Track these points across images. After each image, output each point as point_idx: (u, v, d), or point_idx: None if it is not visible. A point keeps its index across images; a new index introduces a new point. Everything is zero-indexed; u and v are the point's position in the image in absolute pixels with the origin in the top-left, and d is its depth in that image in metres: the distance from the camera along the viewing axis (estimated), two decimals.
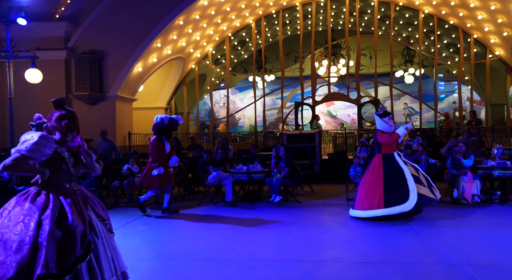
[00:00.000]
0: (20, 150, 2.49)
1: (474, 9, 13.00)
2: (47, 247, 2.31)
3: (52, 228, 2.36)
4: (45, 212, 2.42)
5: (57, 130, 2.67)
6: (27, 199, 2.50)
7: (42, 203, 2.47)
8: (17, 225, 2.37)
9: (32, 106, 11.70)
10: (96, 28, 11.89)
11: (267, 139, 14.65)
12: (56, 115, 2.68)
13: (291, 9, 15.39)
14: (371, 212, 6.01)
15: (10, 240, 2.34)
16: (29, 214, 2.41)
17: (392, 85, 15.22)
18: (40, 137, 2.53)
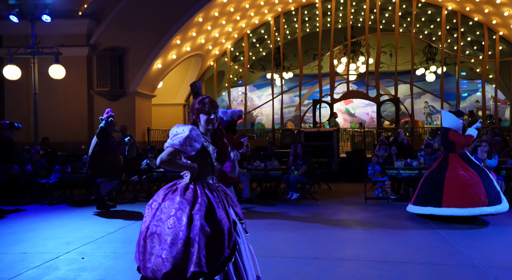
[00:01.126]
0: (174, 143, 2.40)
1: (500, 6, 12.63)
2: (199, 243, 2.24)
3: (203, 224, 2.28)
4: (195, 207, 2.34)
5: (202, 112, 2.52)
6: (176, 192, 2.43)
7: (191, 197, 2.39)
8: (169, 218, 2.30)
9: (55, 102, 12.00)
10: (117, 25, 12.07)
11: (284, 136, 14.61)
12: (198, 99, 2.56)
13: (311, 6, 15.28)
14: (477, 209, 5.62)
15: (164, 233, 2.27)
16: (181, 208, 2.33)
17: (412, 83, 14.95)
18: (190, 130, 2.43)
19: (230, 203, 2.57)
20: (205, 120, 2.53)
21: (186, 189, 2.45)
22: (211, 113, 2.52)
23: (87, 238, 5.16)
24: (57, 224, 6.18)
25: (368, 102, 17.38)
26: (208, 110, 2.51)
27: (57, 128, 11.74)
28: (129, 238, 5.20)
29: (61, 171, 8.29)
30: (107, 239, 5.16)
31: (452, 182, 5.78)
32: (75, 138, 11.86)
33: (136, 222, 6.17)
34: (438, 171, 6.04)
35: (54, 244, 4.89)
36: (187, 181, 2.49)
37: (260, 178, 8.39)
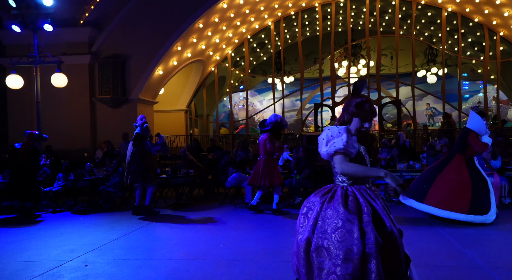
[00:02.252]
0: (339, 148, 2.20)
1: (500, 6, 12.63)
2: (376, 259, 2.02)
3: (377, 237, 2.07)
4: (363, 218, 2.13)
5: (359, 117, 2.31)
6: (334, 201, 2.21)
7: (355, 206, 2.17)
8: (337, 231, 2.10)
9: (58, 110, 12.07)
10: (118, 33, 12.16)
11: (286, 140, 14.61)
12: (357, 100, 2.35)
13: (310, 10, 15.33)
14: (453, 214, 5.60)
15: (334, 247, 2.08)
16: (348, 219, 2.12)
17: (414, 85, 14.94)
18: (347, 131, 2.25)
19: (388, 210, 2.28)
20: (357, 127, 2.34)
21: (346, 196, 2.23)
22: (366, 122, 2.34)
23: (90, 245, 5.16)
24: (61, 232, 6.19)
25: None
26: (364, 118, 2.33)
27: (60, 137, 11.79)
28: (132, 245, 5.20)
29: (64, 178, 8.32)
30: (110, 246, 5.16)
31: (442, 182, 5.79)
32: (79, 146, 11.91)
33: (139, 229, 6.18)
34: (436, 168, 6.07)
35: (57, 252, 4.90)
36: (343, 186, 2.28)
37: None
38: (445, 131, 11.54)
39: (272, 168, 6.99)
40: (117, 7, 12.15)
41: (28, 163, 7.51)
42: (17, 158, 7.56)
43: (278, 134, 7.22)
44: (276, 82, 16.67)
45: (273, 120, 7.06)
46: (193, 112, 16.46)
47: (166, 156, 11.89)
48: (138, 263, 4.41)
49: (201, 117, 17.00)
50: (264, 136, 7.12)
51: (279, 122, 7.05)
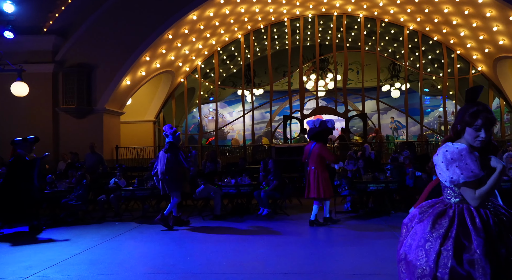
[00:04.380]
0: (468, 177, 2.01)
1: (457, 26, 13.39)
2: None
3: (453, 263, 1.95)
4: (446, 241, 2.01)
5: (472, 126, 2.09)
6: (429, 217, 2.11)
7: (445, 227, 2.05)
8: (418, 249, 2.06)
9: (18, 120, 11.58)
10: (84, 41, 11.89)
11: (256, 152, 14.67)
12: (472, 109, 2.12)
13: (280, 24, 15.64)
14: None
15: (412, 264, 2.07)
16: (429, 239, 2.05)
17: (379, 99, 15.46)
18: (468, 151, 2.07)
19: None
20: (472, 137, 2.11)
21: (442, 214, 2.11)
22: (481, 131, 2.09)
23: (49, 261, 4.93)
24: (18, 247, 5.88)
25: (337, 117, 17.75)
26: (479, 128, 2.09)
27: None
28: (95, 260, 5.02)
29: None
30: (71, 261, 4.96)
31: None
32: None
33: (103, 242, 5.98)
34: None
35: (13, 269, 4.65)
36: (451, 202, 2.13)
37: (232, 194, 8.35)
38: (407, 144, 11.97)
39: (324, 179, 6.75)
40: (83, 16, 11.90)
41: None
42: None
43: (325, 139, 6.98)
44: (245, 94, 16.78)
45: (312, 127, 6.81)
46: (162, 123, 16.24)
47: (133, 168, 11.63)
48: (100, 278, 4.25)
49: None
50: (314, 145, 6.80)
51: (318, 127, 6.78)
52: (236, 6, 13.30)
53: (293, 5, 14.35)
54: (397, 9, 14.03)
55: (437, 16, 13.44)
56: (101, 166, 10.21)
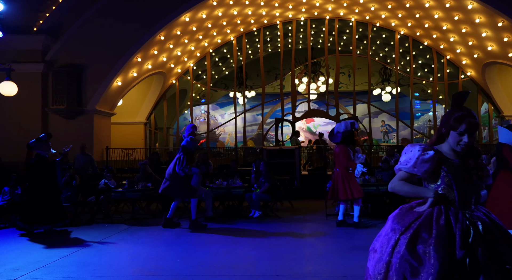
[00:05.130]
0: (402, 167, 2.27)
1: (447, 32, 13.57)
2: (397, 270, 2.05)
3: (405, 251, 2.07)
4: (407, 232, 2.12)
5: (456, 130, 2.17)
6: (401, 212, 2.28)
7: (411, 220, 2.19)
8: (383, 237, 2.24)
9: (6, 120, 11.41)
10: (75, 41, 11.77)
11: (247, 155, 14.65)
12: (458, 113, 2.18)
13: (272, 27, 15.69)
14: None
15: (375, 250, 2.26)
16: (394, 229, 2.20)
17: (370, 103, 15.58)
18: (421, 152, 2.24)
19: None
20: (455, 141, 2.19)
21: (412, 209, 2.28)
22: (465, 135, 2.16)
23: (37, 263, 4.86)
24: (4, 249, 5.78)
25: (328, 120, 17.86)
26: (462, 132, 2.16)
27: (9, 148, 11.11)
28: (84, 262, 4.95)
29: (11, 192, 7.81)
30: (59, 263, 4.88)
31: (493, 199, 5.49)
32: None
33: (92, 244, 5.90)
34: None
35: None
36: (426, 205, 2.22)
37: (223, 196, 8.33)
38: (397, 147, 12.07)
39: (351, 180, 6.78)
40: (74, 16, 11.79)
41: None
42: None
43: (350, 141, 7.04)
44: (237, 97, 16.77)
45: (340, 131, 6.87)
46: (153, 125, 16.15)
47: (124, 169, 11.52)
48: None
49: (161, 130, 16.70)
50: (337, 148, 6.97)
51: (345, 129, 6.87)
52: (229, 8, 13.31)
53: (286, 8, 14.41)
54: (388, 14, 14.18)
55: (428, 22, 13.61)
56: (91, 167, 10.10)
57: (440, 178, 2.20)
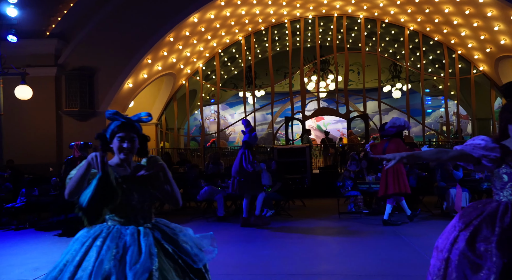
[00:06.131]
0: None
1: (458, 26, 13.41)
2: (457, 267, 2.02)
3: (464, 247, 2.03)
4: (467, 228, 2.09)
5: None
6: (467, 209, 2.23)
7: (472, 216, 2.14)
8: (445, 233, 2.20)
9: (22, 123, 11.62)
10: (86, 45, 11.94)
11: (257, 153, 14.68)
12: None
13: (280, 26, 15.68)
14: None
15: (437, 247, 2.22)
16: (455, 225, 2.16)
17: (380, 100, 15.48)
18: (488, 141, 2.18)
19: None
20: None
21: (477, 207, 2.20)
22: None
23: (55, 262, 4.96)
24: (24, 249, 5.91)
25: (338, 118, 17.81)
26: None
27: (24, 150, 11.32)
28: None
29: (28, 194, 7.97)
30: None
31: None
32: (43, 160, 11.45)
33: None
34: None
35: (20, 271, 4.68)
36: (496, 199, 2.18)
37: (234, 195, 8.37)
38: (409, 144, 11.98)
39: (402, 174, 6.71)
40: (85, 19, 11.95)
41: None
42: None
43: (402, 138, 6.98)
44: (247, 96, 16.82)
45: (397, 124, 6.79)
46: (164, 125, 16.29)
47: None
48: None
49: (171, 130, 16.84)
50: (390, 142, 6.81)
51: (402, 125, 6.80)
52: (237, 8, 13.35)
53: (294, 6, 14.39)
54: (397, 10, 14.06)
55: (438, 17, 13.47)
56: None
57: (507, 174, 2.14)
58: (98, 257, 1.94)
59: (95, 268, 1.91)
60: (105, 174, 1.99)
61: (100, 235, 2.04)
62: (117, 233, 2.04)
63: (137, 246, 2.00)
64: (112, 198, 2.02)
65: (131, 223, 2.10)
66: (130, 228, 2.08)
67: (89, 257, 1.96)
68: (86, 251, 1.99)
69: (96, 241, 2.01)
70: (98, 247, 1.98)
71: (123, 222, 2.10)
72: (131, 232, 2.06)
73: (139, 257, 1.96)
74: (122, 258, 1.95)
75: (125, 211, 2.11)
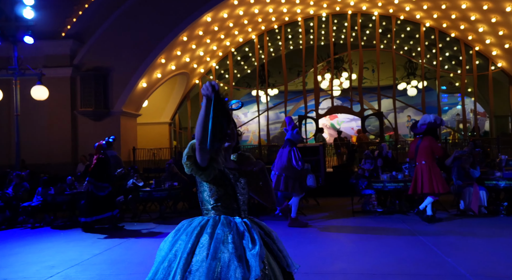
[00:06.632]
0: None
1: (475, 22, 13.11)
2: None
3: None
4: None
5: None
6: None
7: None
8: None
9: (38, 123, 11.84)
10: (101, 45, 12.08)
11: (271, 153, 14.64)
12: None
13: (293, 24, 15.60)
14: None
15: None
16: None
17: (395, 98, 15.26)
18: None
19: None
20: None
21: None
22: None
23: (71, 261, 5.03)
24: (40, 247, 6.01)
25: (352, 117, 17.63)
26: None
27: (40, 150, 11.55)
28: (116, 260, 5.09)
29: (44, 193, 8.11)
30: (92, 261, 5.04)
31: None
32: (59, 159, 11.67)
33: (122, 243, 6.06)
34: None
35: (36, 268, 4.75)
36: None
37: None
38: None
39: (437, 173, 6.65)
40: (99, 20, 12.10)
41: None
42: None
43: (436, 136, 6.92)
44: (260, 95, 16.79)
45: (427, 121, 6.71)
46: (177, 124, 16.38)
47: (150, 169, 11.75)
48: (121, 278, 4.31)
49: (185, 130, 16.92)
50: (423, 140, 6.73)
51: (433, 122, 6.71)
52: (250, 7, 13.32)
53: (307, 4, 14.29)
54: (412, 6, 13.83)
55: (455, 12, 13.19)
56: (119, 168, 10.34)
57: None
58: (211, 243, 1.94)
59: (210, 253, 1.91)
60: (217, 94, 1.94)
61: (207, 223, 2.04)
62: (226, 220, 2.05)
63: (249, 234, 2.00)
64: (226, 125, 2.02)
65: (234, 215, 2.12)
66: (236, 218, 2.10)
67: (201, 244, 1.96)
68: (196, 239, 1.99)
69: (206, 229, 2.01)
70: (210, 234, 1.98)
71: (227, 213, 2.11)
72: (239, 221, 2.07)
73: (254, 243, 1.96)
74: (240, 242, 1.96)
75: (230, 201, 2.12)
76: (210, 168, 2.03)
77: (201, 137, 1.94)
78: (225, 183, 2.10)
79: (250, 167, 2.22)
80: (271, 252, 2.08)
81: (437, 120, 6.76)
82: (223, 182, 2.10)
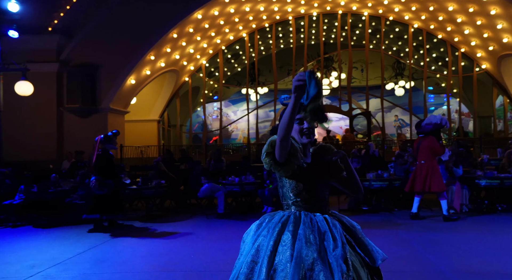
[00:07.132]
0: None
1: (461, 24, 13.30)
2: None
3: None
4: None
5: None
6: None
7: None
8: None
9: (22, 119, 11.66)
10: (89, 41, 11.94)
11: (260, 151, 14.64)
12: None
13: (284, 23, 15.61)
14: None
15: None
16: None
17: (383, 97, 15.40)
18: None
19: None
20: None
21: None
22: None
23: (53, 260, 4.96)
24: (20, 246, 5.91)
25: (341, 116, 17.73)
26: None
27: (24, 147, 11.36)
28: (99, 258, 5.04)
29: (27, 191, 7.97)
30: (75, 260, 4.98)
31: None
32: (44, 156, 11.50)
33: (106, 241, 6.01)
34: None
35: (16, 268, 4.68)
36: None
37: (236, 192, 8.36)
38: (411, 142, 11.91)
39: (436, 172, 6.71)
40: (88, 15, 11.95)
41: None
42: None
43: (439, 136, 6.98)
44: (250, 93, 16.77)
45: (433, 122, 6.78)
46: (166, 122, 16.28)
47: (137, 167, 11.67)
48: (104, 277, 4.27)
49: (174, 127, 16.84)
50: (424, 139, 6.82)
51: (439, 123, 6.78)
52: (241, 5, 13.30)
53: (298, 3, 14.32)
54: (401, 7, 13.95)
55: (442, 14, 13.36)
56: None
57: None
58: (295, 242, 1.91)
59: (294, 254, 1.87)
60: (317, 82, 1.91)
61: (288, 220, 2.02)
62: (307, 218, 2.02)
63: (330, 233, 1.97)
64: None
65: (315, 211, 2.08)
66: (317, 215, 2.05)
67: (283, 243, 1.93)
68: (278, 237, 1.96)
69: (288, 227, 1.98)
70: (292, 233, 1.95)
71: (308, 208, 2.08)
72: (320, 218, 2.03)
73: (335, 244, 1.92)
74: (321, 244, 1.92)
75: (310, 196, 2.10)
76: (288, 163, 2.01)
77: (284, 134, 1.91)
78: (304, 178, 2.08)
79: (329, 157, 2.18)
80: (353, 249, 2.05)
81: (442, 122, 6.86)
82: (302, 177, 2.07)
